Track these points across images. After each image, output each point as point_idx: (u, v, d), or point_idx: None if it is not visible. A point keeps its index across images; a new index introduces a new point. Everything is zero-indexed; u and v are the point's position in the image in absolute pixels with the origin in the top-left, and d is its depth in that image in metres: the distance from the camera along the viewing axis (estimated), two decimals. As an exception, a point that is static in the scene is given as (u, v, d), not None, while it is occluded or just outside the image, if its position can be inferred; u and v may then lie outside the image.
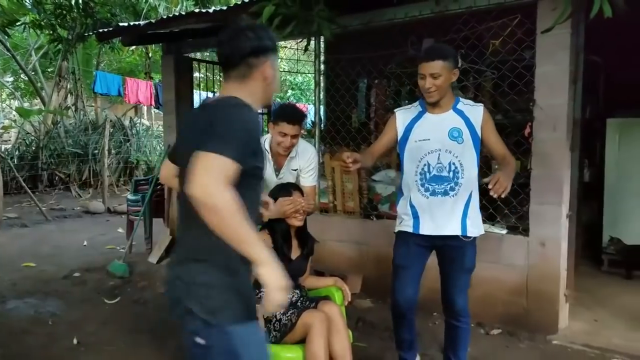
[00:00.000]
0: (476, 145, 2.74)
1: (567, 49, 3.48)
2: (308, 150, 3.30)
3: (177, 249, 1.82)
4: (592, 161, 5.59)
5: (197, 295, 1.64)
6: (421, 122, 2.80)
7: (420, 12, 4.07)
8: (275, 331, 2.71)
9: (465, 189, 2.73)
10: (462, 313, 2.85)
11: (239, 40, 1.77)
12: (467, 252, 2.78)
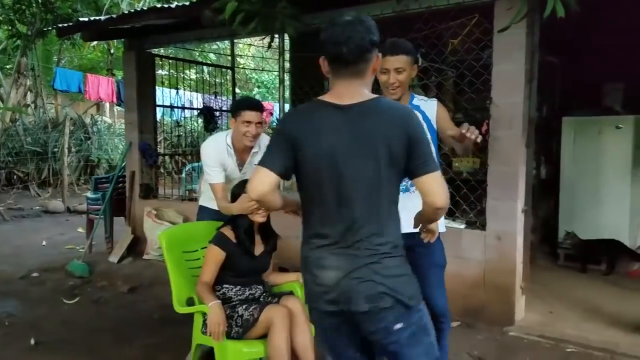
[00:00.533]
0: (434, 140, 2.72)
1: (523, 48, 3.59)
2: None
3: (356, 252, 1.77)
4: (549, 159, 5.76)
5: (401, 286, 1.78)
6: None
7: (381, 11, 4.13)
8: (237, 327, 2.72)
9: None
10: (444, 311, 2.70)
11: (358, 35, 1.74)
12: (436, 249, 2.66)
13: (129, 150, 6.13)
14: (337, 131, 1.75)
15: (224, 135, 3.33)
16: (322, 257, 1.80)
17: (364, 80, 1.81)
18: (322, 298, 1.80)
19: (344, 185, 1.75)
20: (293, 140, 1.77)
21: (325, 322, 1.90)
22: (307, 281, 1.86)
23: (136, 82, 5.97)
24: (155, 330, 3.90)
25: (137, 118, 6.01)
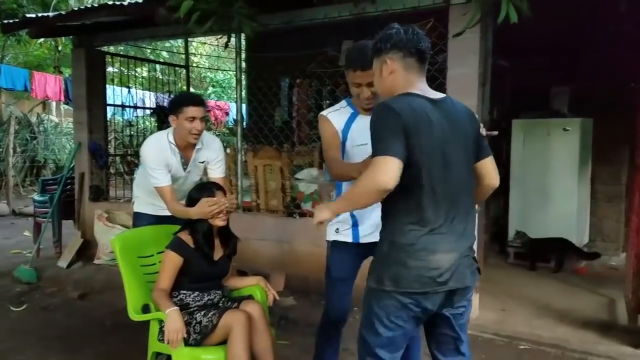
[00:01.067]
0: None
1: (477, 52, 3.68)
2: (215, 142, 3.29)
3: (463, 233, 1.96)
4: (499, 160, 5.89)
5: (475, 272, 2.03)
6: (356, 126, 2.52)
7: (339, 13, 4.16)
8: (195, 333, 2.66)
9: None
10: None
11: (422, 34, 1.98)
12: None
13: (78, 150, 5.93)
14: (441, 124, 1.89)
15: (164, 134, 3.19)
16: (435, 241, 1.88)
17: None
18: (435, 281, 1.88)
19: (451, 173, 1.91)
20: (408, 130, 1.82)
21: (407, 310, 1.92)
22: (412, 266, 1.87)
23: (85, 79, 5.79)
24: (108, 338, 3.79)
25: (86, 117, 5.84)
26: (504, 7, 3.12)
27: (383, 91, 2.08)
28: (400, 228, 1.89)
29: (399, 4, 3.89)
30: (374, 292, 1.96)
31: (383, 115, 1.86)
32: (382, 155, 1.78)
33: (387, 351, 1.99)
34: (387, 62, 1.97)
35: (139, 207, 3.43)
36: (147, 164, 3.09)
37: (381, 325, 1.96)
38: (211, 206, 2.77)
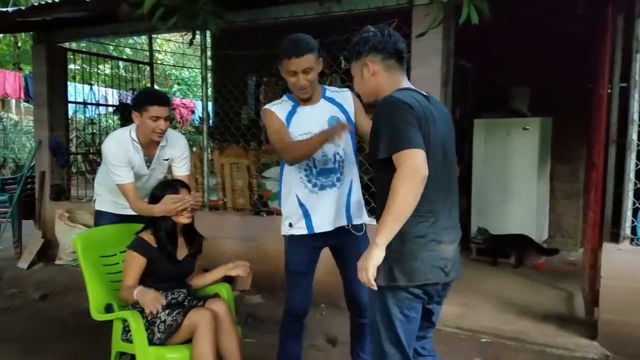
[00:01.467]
0: (352, 132, 2.64)
1: (439, 53, 3.76)
2: (179, 139, 3.26)
3: (457, 225, 2.07)
4: (462, 158, 6.03)
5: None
6: (297, 117, 2.60)
7: (304, 12, 4.18)
8: (160, 333, 2.64)
9: (347, 178, 2.64)
10: (366, 307, 2.57)
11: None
12: (360, 246, 2.55)
13: (38, 149, 5.80)
14: (438, 117, 1.97)
15: (127, 131, 3.13)
16: (439, 232, 1.95)
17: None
18: (442, 271, 1.96)
19: (448, 165, 2.01)
20: (421, 121, 1.88)
21: (419, 300, 1.98)
22: (425, 258, 1.92)
23: (46, 76, 5.66)
24: (71, 339, 3.73)
25: (47, 115, 5.71)
26: (465, 8, 3.20)
27: (366, 92, 2.12)
28: (410, 221, 1.87)
29: (363, 4, 3.94)
30: (385, 291, 1.95)
31: (397, 109, 1.88)
32: (408, 148, 1.80)
33: (407, 346, 2.01)
34: (367, 64, 2.03)
35: (100, 205, 3.37)
36: (108, 161, 3.03)
37: (398, 321, 1.97)
38: (175, 203, 2.76)
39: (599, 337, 3.46)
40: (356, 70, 2.10)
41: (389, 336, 1.99)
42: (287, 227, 2.69)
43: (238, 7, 4.39)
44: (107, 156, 3.05)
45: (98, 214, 3.37)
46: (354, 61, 2.10)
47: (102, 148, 3.12)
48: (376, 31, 2.04)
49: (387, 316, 1.97)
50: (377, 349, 2.04)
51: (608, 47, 3.51)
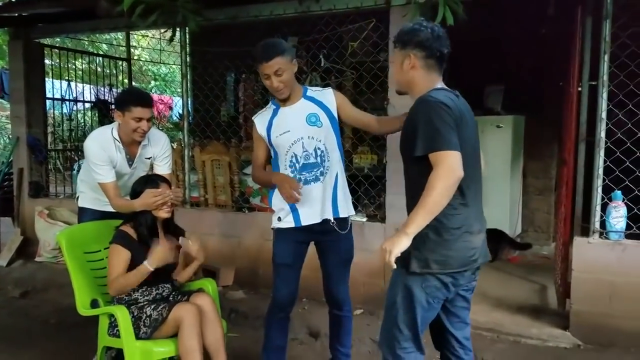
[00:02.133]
0: (335, 127, 2.76)
1: (417, 53, 3.83)
2: (161, 138, 3.28)
3: (481, 221, 2.17)
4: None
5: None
6: (277, 118, 2.75)
7: (284, 10, 4.22)
8: (145, 327, 2.69)
9: (332, 172, 2.75)
10: (344, 304, 2.92)
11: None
12: (342, 244, 2.81)
13: (16, 145, 5.74)
14: (468, 116, 2.10)
15: (109, 129, 3.12)
16: (471, 223, 2.09)
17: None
18: (471, 259, 2.09)
19: (477, 160, 2.15)
20: (457, 121, 1.99)
21: (446, 289, 2.09)
22: (459, 248, 2.06)
23: (24, 73, 5.60)
24: (54, 336, 3.75)
25: (24, 111, 5.64)
26: (440, 9, 3.29)
27: (400, 82, 2.22)
28: (444, 213, 1.97)
29: (342, 4, 3.99)
30: (416, 276, 2.06)
31: (436, 110, 1.97)
32: (446, 149, 1.92)
33: (420, 331, 2.13)
34: (410, 56, 2.10)
35: (83, 202, 3.38)
36: (90, 160, 3.04)
37: (419, 307, 2.08)
38: (155, 197, 2.79)
39: (571, 327, 3.58)
40: (397, 58, 2.17)
41: (407, 318, 2.10)
42: (276, 220, 2.79)
43: (218, 5, 4.41)
44: (88, 155, 3.05)
45: (81, 211, 3.37)
46: (397, 48, 2.16)
47: (84, 147, 3.11)
48: (427, 27, 2.09)
49: (410, 300, 2.09)
50: (391, 328, 2.14)
51: (577, 48, 3.63)
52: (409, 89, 2.18)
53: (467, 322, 2.31)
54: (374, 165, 4.60)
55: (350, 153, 4.77)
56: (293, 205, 2.71)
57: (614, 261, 3.43)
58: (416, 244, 1.99)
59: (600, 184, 3.50)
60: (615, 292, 3.43)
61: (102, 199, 3.20)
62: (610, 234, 3.49)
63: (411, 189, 2.15)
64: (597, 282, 3.47)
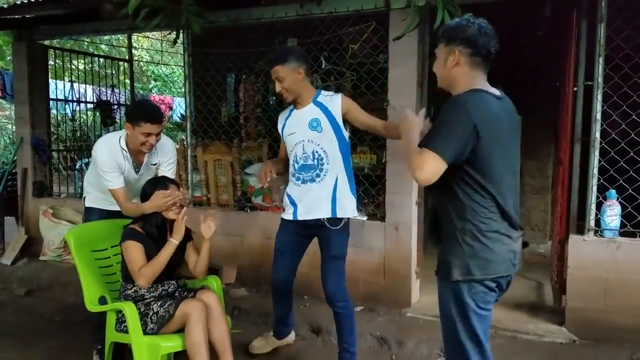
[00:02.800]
0: (337, 132, 2.95)
1: (415, 55, 3.91)
2: (168, 144, 3.33)
3: (518, 226, 2.10)
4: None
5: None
6: (290, 119, 3.06)
7: (286, 13, 4.28)
8: (152, 323, 2.76)
9: (331, 175, 2.94)
10: (333, 297, 3.02)
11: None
12: (332, 240, 2.99)
13: (20, 146, 5.80)
14: (505, 119, 2.04)
15: (117, 138, 3.18)
16: (509, 227, 2.05)
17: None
18: (512, 263, 2.07)
19: (512, 164, 2.10)
20: (479, 128, 1.91)
21: (493, 293, 2.08)
22: (499, 251, 2.03)
23: (27, 74, 5.66)
24: (59, 333, 3.81)
25: (28, 112, 5.71)
26: (439, 13, 3.36)
27: (442, 78, 2.15)
28: (482, 219, 1.99)
29: (342, 7, 4.06)
30: (462, 285, 2.03)
31: (459, 113, 1.93)
32: (435, 152, 1.89)
33: (482, 339, 2.07)
34: (455, 53, 2.04)
35: (90, 202, 3.43)
36: (99, 167, 3.10)
37: (473, 314, 2.04)
38: (165, 198, 2.88)
39: (567, 323, 3.66)
40: (441, 54, 2.11)
41: (466, 329, 2.05)
42: (283, 211, 3.15)
43: (221, 7, 4.47)
44: (97, 162, 3.12)
45: (88, 210, 3.43)
46: (443, 44, 2.10)
47: (93, 154, 3.18)
48: (474, 24, 2.04)
49: (463, 310, 2.04)
50: (454, 342, 2.10)
51: (573, 50, 3.71)
52: (451, 86, 2.11)
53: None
54: (373, 165, 4.68)
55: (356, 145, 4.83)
56: (292, 201, 3.03)
57: (609, 258, 3.50)
58: (455, 251, 2.03)
59: (595, 183, 3.57)
60: (610, 289, 3.51)
61: (108, 199, 3.27)
62: (605, 232, 3.57)
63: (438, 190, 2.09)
64: (592, 279, 3.55)
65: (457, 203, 2.03)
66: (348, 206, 3.01)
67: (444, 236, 2.10)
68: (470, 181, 1.99)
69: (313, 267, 4.20)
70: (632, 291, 3.45)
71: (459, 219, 2.03)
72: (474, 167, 1.97)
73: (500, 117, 2.01)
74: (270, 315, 3.93)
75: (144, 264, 2.81)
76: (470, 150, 1.93)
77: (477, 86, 2.04)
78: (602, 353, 3.37)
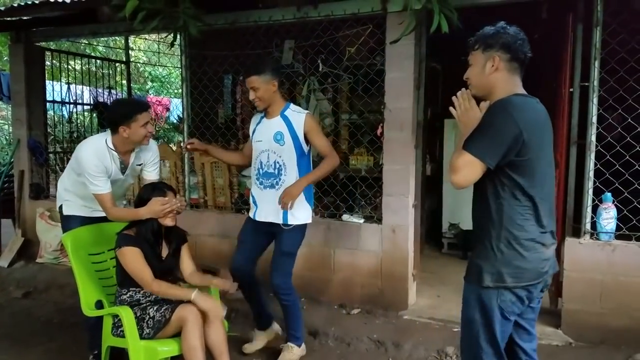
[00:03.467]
0: (297, 147, 3.19)
1: (412, 58, 3.92)
2: (152, 144, 3.30)
3: (552, 234, 2.11)
4: (433, 156, 6.25)
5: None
6: (260, 126, 3.31)
7: (283, 16, 4.29)
8: (148, 328, 2.76)
9: (287, 184, 3.16)
10: (278, 289, 3.24)
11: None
12: (284, 238, 3.22)
13: (17, 148, 5.80)
14: (548, 126, 2.09)
15: (102, 140, 3.08)
16: (543, 236, 2.05)
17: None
18: (542, 271, 2.05)
19: (551, 171, 2.12)
20: (524, 133, 1.92)
21: (520, 302, 2.06)
22: (532, 259, 2.02)
23: (24, 76, 5.66)
24: (57, 335, 3.82)
25: (25, 114, 5.70)
26: (436, 18, 3.38)
27: (480, 85, 2.13)
28: (519, 226, 2.00)
29: (339, 10, 4.06)
30: (491, 291, 2.03)
31: (504, 115, 1.94)
32: (475, 156, 1.93)
33: (501, 346, 2.09)
34: (494, 58, 2.06)
35: (70, 210, 3.27)
36: (86, 171, 2.98)
37: (497, 322, 2.04)
38: (163, 205, 2.86)
39: (563, 326, 3.67)
40: (478, 61, 2.11)
41: (487, 335, 2.06)
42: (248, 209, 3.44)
43: (218, 10, 4.48)
44: (85, 166, 2.99)
45: (67, 219, 3.27)
46: (480, 51, 2.10)
47: (80, 157, 3.04)
48: (509, 31, 2.07)
49: (487, 316, 2.05)
50: (473, 345, 2.11)
51: (569, 53, 3.72)
52: (489, 92, 2.10)
53: (534, 334, 2.25)
54: (370, 167, 4.69)
55: (347, 155, 4.85)
56: (255, 201, 3.33)
57: (604, 261, 3.52)
58: (487, 257, 2.03)
59: (591, 186, 3.59)
60: (606, 292, 3.53)
61: (90, 206, 3.20)
62: (601, 234, 3.59)
63: (477, 199, 2.15)
64: (588, 282, 3.57)
65: (493, 208, 2.04)
66: (301, 214, 3.24)
67: (477, 240, 2.11)
68: (511, 186, 1.99)
69: (312, 270, 4.22)
70: (628, 294, 3.47)
71: (495, 225, 2.03)
72: (517, 172, 1.97)
73: (543, 122, 2.06)
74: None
75: (150, 273, 2.80)
76: (515, 154, 1.94)
77: (517, 91, 2.06)
78: (598, 355, 3.39)
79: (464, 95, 2.13)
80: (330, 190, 4.51)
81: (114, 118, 3.05)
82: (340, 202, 4.49)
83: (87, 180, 3.00)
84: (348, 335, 3.75)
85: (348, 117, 5.04)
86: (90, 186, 3.00)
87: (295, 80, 5.19)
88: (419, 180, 4.28)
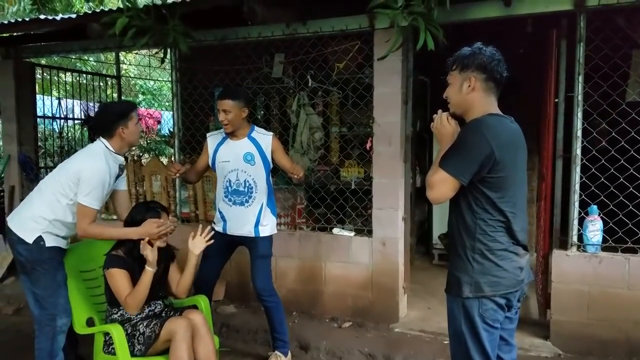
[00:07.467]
0: (265, 166, 3.44)
1: (399, 73, 3.98)
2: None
3: (525, 243, 2.18)
4: (422, 168, 6.30)
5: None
6: (224, 146, 3.46)
7: (272, 33, 4.35)
8: (140, 344, 2.76)
9: (258, 201, 3.41)
10: (262, 292, 3.42)
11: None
12: (258, 245, 3.43)
13: (7, 163, 5.79)
14: (519, 142, 2.17)
15: (100, 147, 2.99)
16: (516, 245, 2.14)
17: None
18: (518, 278, 2.13)
19: (523, 185, 2.21)
20: (496, 152, 2.01)
21: (502, 310, 2.13)
22: (507, 268, 2.10)
23: (14, 91, 5.66)
24: (47, 353, 3.77)
25: (16, 129, 5.70)
26: (422, 35, 3.43)
27: (457, 104, 2.22)
28: (492, 237, 2.09)
29: (327, 27, 4.12)
30: (472, 301, 2.10)
31: (478, 135, 2.04)
32: (448, 174, 2.04)
33: (492, 356, 2.13)
34: (471, 79, 2.13)
35: (52, 241, 2.97)
36: (91, 185, 2.84)
37: (483, 331, 2.10)
38: (158, 227, 2.86)
39: (551, 337, 3.71)
40: (455, 81, 2.19)
41: (476, 346, 2.11)
42: (213, 224, 3.52)
43: (207, 27, 4.52)
44: (91, 181, 2.84)
45: (49, 250, 2.96)
46: (457, 71, 2.18)
47: (86, 170, 2.87)
48: (485, 52, 2.14)
49: (473, 326, 2.11)
50: (464, 358, 2.16)
51: (553, 68, 3.79)
52: (466, 111, 2.18)
53: (513, 344, 2.30)
54: (360, 180, 4.72)
55: (337, 168, 4.89)
56: (223, 217, 3.47)
57: (591, 273, 3.57)
58: (464, 269, 2.11)
59: (577, 199, 3.64)
60: (592, 303, 3.57)
61: (66, 239, 3.06)
62: (587, 247, 3.64)
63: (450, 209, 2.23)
64: (575, 293, 3.61)
65: (468, 221, 2.11)
66: (270, 226, 3.48)
67: (454, 252, 2.19)
68: (483, 201, 2.08)
69: (303, 283, 4.24)
70: (614, 305, 3.52)
71: (469, 237, 2.11)
72: (490, 188, 2.06)
73: (516, 141, 2.15)
74: (259, 332, 3.97)
75: (129, 292, 2.78)
76: (487, 172, 2.03)
77: (492, 110, 2.14)
78: (586, 366, 3.43)
79: (442, 116, 2.24)
80: (321, 204, 4.53)
81: (110, 120, 2.97)
82: (330, 215, 4.52)
83: (82, 192, 2.83)
84: (339, 349, 3.76)
85: (338, 131, 5.09)
86: (84, 200, 2.82)
87: (285, 95, 5.23)
88: (408, 194, 4.32)
